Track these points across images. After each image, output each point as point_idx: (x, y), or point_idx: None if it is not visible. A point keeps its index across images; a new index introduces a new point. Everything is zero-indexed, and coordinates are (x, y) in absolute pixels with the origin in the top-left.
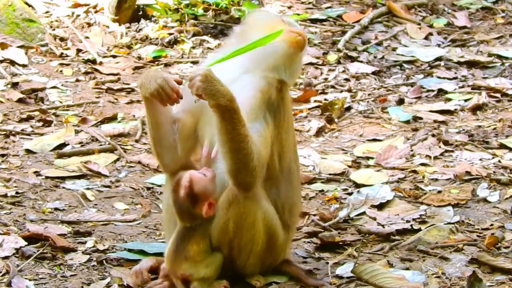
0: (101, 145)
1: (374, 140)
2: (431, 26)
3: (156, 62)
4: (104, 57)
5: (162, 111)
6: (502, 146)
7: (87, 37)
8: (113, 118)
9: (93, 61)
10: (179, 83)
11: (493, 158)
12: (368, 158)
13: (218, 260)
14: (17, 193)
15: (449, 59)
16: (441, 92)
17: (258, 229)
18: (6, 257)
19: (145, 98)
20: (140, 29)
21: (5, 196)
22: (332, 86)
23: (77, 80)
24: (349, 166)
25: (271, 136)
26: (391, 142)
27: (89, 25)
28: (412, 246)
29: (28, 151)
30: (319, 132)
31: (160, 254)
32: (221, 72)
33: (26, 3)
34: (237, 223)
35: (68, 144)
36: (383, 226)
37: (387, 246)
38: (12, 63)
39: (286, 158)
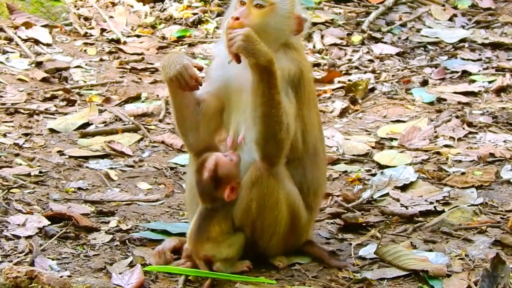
0: (124, 124)
1: (398, 121)
2: (455, 7)
3: (180, 42)
4: (128, 36)
5: (184, 93)
6: None
7: (111, 17)
8: (136, 98)
9: (117, 41)
10: (200, 69)
11: None
12: (391, 139)
13: (241, 240)
14: (40, 172)
15: (473, 40)
16: (465, 73)
17: (281, 209)
18: (29, 237)
19: (166, 81)
20: (165, 9)
21: (29, 175)
22: (356, 67)
23: (101, 60)
24: (373, 147)
25: (293, 113)
26: (415, 124)
27: (114, 4)
28: (436, 227)
29: (52, 131)
30: (343, 113)
31: (183, 234)
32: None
33: None
34: (260, 203)
35: (91, 124)
36: (406, 207)
37: (410, 227)
38: (36, 42)
39: (311, 137)
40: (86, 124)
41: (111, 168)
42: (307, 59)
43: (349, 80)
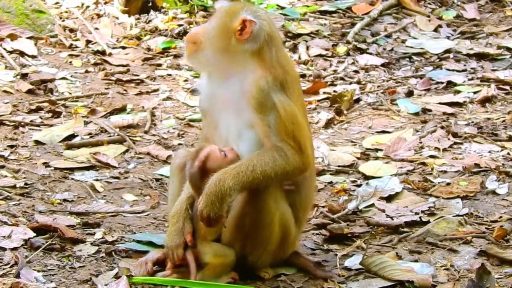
0: (110, 136)
1: (383, 132)
2: (440, 18)
3: (166, 53)
4: (114, 48)
5: None
6: (511, 139)
7: (96, 28)
8: (122, 109)
9: (103, 52)
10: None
11: (502, 150)
12: (377, 150)
13: (231, 257)
14: (26, 184)
15: (458, 51)
16: (450, 84)
17: (274, 229)
18: (15, 248)
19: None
20: (150, 20)
21: (14, 187)
22: (341, 78)
23: (87, 71)
24: (358, 158)
25: (298, 113)
26: (400, 134)
27: (99, 16)
28: (421, 238)
29: (37, 142)
30: (328, 123)
31: None
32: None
33: None
34: (254, 221)
35: (77, 135)
36: (391, 218)
37: (395, 238)
38: (22, 54)
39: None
40: (72, 136)
41: (97, 180)
42: (285, 60)
43: (334, 91)
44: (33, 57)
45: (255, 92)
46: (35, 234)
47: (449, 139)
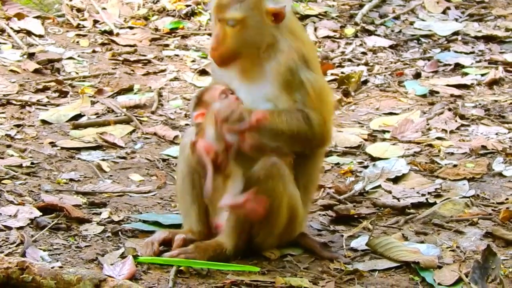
0: (117, 116)
1: (390, 113)
2: (448, 0)
3: (173, 34)
4: (121, 28)
5: None
6: None
7: (104, 8)
8: (129, 90)
9: (110, 32)
10: None
11: (509, 132)
12: (384, 131)
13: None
14: (32, 163)
15: (466, 33)
16: (458, 66)
17: (282, 213)
18: (21, 228)
19: None
20: (157, 1)
21: (20, 166)
22: (349, 60)
23: (94, 51)
24: (365, 140)
25: (326, 85)
26: (407, 116)
27: None
28: (427, 219)
29: (44, 122)
30: (336, 105)
31: (175, 226)
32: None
33: None
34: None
35: (84, 115)
36: (398, 199)
37: (402, 219)
38: (29, 33)
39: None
40: (78, 116)
41: (103, 160)
42: (307, 39)
43: (342, 73)
44: (40, 36)
45: (283, 71)
46: (41, 214)
47: (456, 121)
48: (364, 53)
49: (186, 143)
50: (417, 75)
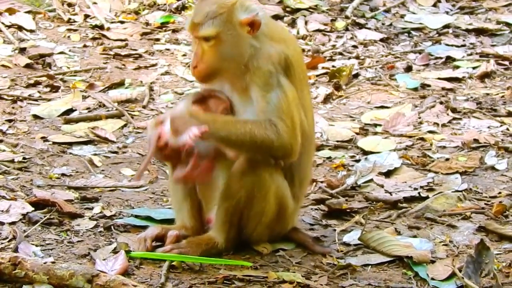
0: (108, 111)
1: (382, 107)
2: None
3: (164, 28)
4: (112, 22)
5: None
6: (510, 114)
7: (94, 3)
8: (120, 84)
9: (101, 27)
10: None
11: (501, 126)
12: (375, 125)
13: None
14: (24, 158)
15: (457, 26)
16: (449, 59)
17: (270, 201)
18: (13, 223)
19: None
20: None
21: (12, 161)
22: (340, 53)
23: (85, 46)
24: (357, 133)
25: (295, 98)
26: (399, 109)
27: None
28: (420, 213)
29: (36, 117)
30: (327, 99)
31: (167, 221)
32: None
33: None
34: (249, 193)
35: (75, 110)
36: (390, 193)
37: (394, 213)
38: (20, 28)
39: (308, 119)
40: (70, 110)
41: (95, 154)
42: (289, 38)
43: (333, 66)
44: (31, 31)
45: (262, 74)
46: (33, 209)
47: (448, 114)
48: (355, 47)
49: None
50: (408, 69)
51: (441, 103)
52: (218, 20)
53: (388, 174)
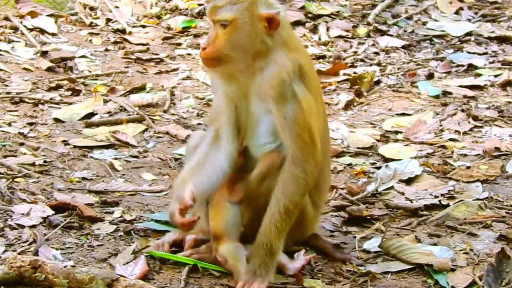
0: (129, 115)
1: (403, 114)
2: (461, 0)
3: (186, 33)
4: (134, 27)
5: None
6: None
7: (116, 7)
8: (141, 88)
9: (123, 31)
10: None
11: None
12: (396, 132)
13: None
14: (45, 162)
15: (479, 34)
16: (471, 67)
17: None
18: (34, 226)
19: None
20: None
21: (33, 164)
22: (362, 60)
23: (106, 50)
24: (378, 140)
25: (314, 106)
26: (420, 117)
27: None
28: (440, 221)
29: (57, 120)
30: (348, 105)
31: None
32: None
33: None
34: (268, 199)
35: (96, 114)
36: (411, 201)
37: (415, 221)
38: (42, 31)
39: (320, 128)
40: (91, 114)
41: (116, 159)
42: (302, 49)
43: (354, 73)
44: (53, 34)
45: (277, 84)
46: (53, 212)
47: (469, 122)
48: (376, 53)
49: (192, 145)
50: (430, 76)
51: (462, 111)
52: (238, 7)
53: (408, 181)
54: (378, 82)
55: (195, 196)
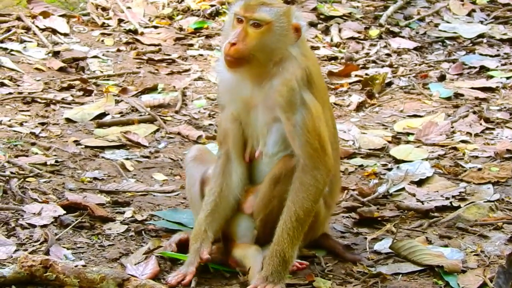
0: (141, 115)
1: (415, 116)
2: (474, 2)
3: (198, 34)
4: (146, 27)
5: None
6: None
7: (128, 7)
8: (153, 89)
9: (135, 32)
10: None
11: None
12: (408, 134)
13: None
14: (56, 161)
15: (491, 36)
16: (483, 69)
17: None
18: (45, 226)
19: None
20: (182, 0)
21: (45, 164)
22: (373, 61)
23: (118, 50)
24: (389, 142)
25: (321, 113)
26: (432, 118)
27: None
28: (451, 223)
29: (68, 120)
30: (360, 107)
31: None
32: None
33: None
34: (282, 201)
35: (108, 114)
36: (422, 202)
37: (426, 222)
38: (54, 32)
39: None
40: (103, 114)
41: (127, 159)
42: (312, 55)
43: (366, 74)
44: (65, 35)
45: (286, 92)
46: (65, 212)
47: (481, 124)
48: (388, 55)
49: (190, 157)
50: (442, 78)
51: (474, 112)
52: (276, 10)
53: (420, 183)
54: (389, 84)
55: (212, 250)
